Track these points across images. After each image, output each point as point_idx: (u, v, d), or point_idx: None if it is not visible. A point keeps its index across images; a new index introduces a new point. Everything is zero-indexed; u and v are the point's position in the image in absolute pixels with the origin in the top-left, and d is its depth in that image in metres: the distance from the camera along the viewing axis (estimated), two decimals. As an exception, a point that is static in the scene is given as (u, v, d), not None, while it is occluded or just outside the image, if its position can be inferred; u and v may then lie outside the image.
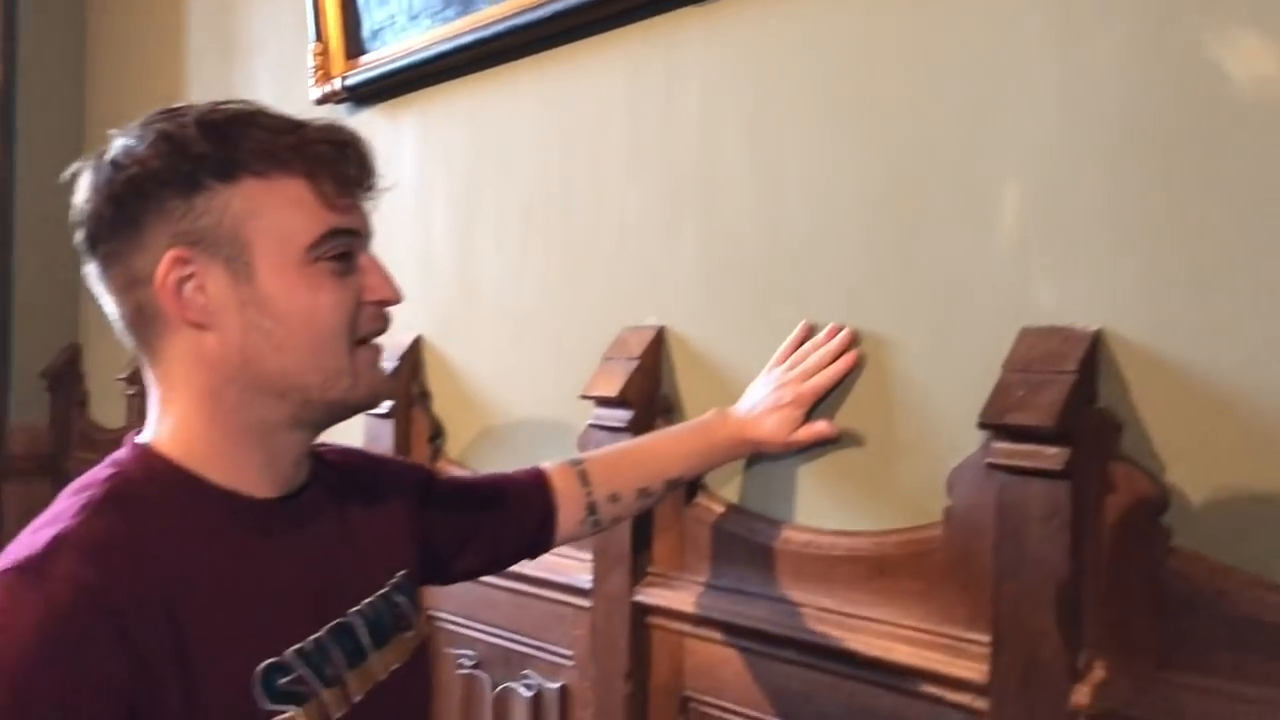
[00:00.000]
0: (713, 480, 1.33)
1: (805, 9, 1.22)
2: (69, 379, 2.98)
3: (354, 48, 1.87)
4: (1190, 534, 0.92)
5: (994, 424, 0.97)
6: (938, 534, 1.08)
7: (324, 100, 1.91)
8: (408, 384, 1.76)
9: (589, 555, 1.43)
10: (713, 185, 1.32)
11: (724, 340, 1.32)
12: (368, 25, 1.85)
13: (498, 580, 1.55)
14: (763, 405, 1.20)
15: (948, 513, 1.07)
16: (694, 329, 1.36)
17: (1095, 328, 0.97)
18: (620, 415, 1.36)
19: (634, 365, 1.36)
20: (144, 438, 0.85)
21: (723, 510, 1.31)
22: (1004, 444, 0.97)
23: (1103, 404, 0.97)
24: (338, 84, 1.88)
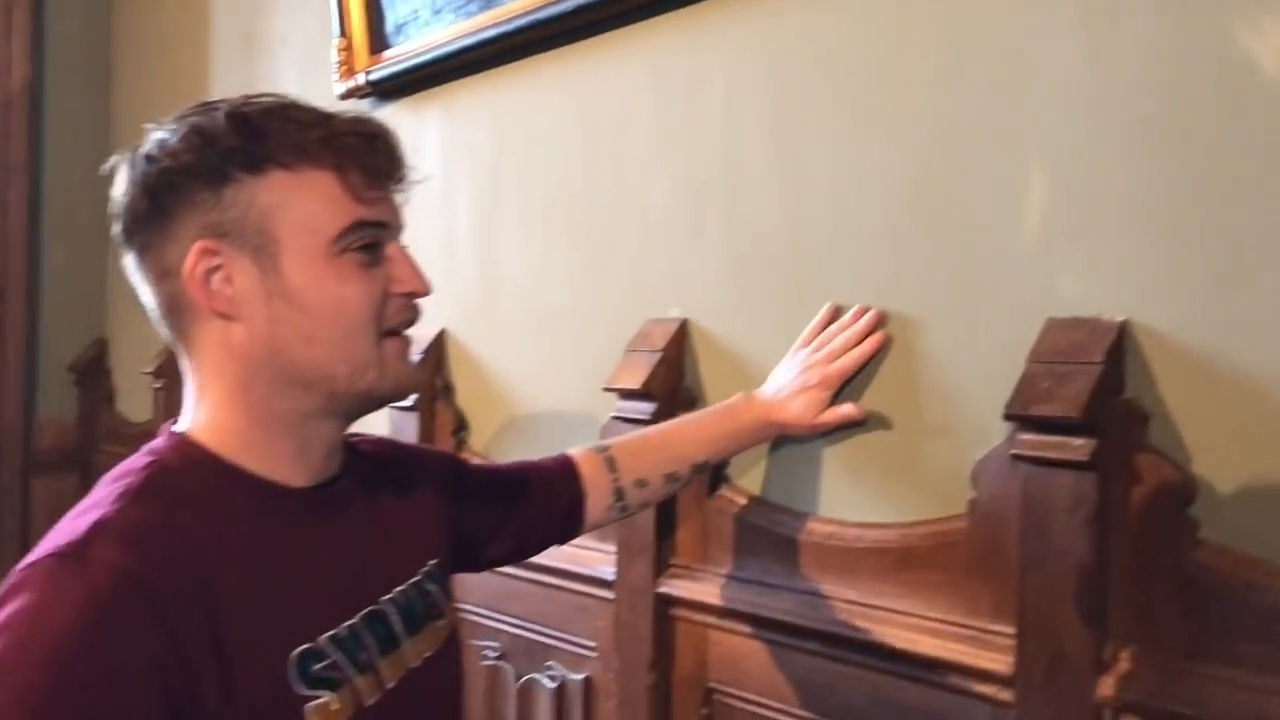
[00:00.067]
0: (735, 472, 1.34)
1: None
2: (96, 374, 3.00)
3: (378, 43, 1.88)
4: (1217, 525, 0.92)
5: (1020, 415, 0.97)
6: (962, 526, 1.08)
7: (348, 95, 1.92)
8: (432, 377, 1.77)
9: (612, 547, 1.43)
10: (736, 177, 1.32)
11: (747, 333, 1.32)
12: (391, 20, 1.85)
13: (521, 572, 1.56)
14: (789, 388, 1.19)
15: (972, 504, 1.07)
16: (717, 322, 1.36)
17: (1122, 319, 0.97)
18: (643, 408, 1.36)
19: (657, 357, 1.36)
20: (180, 427, 0.86)
21: (745, 502, 1.32)
22: (1029, 435, 0.97)
23: (1129, 395, 0.96)
24: (361, 79, 1.89)
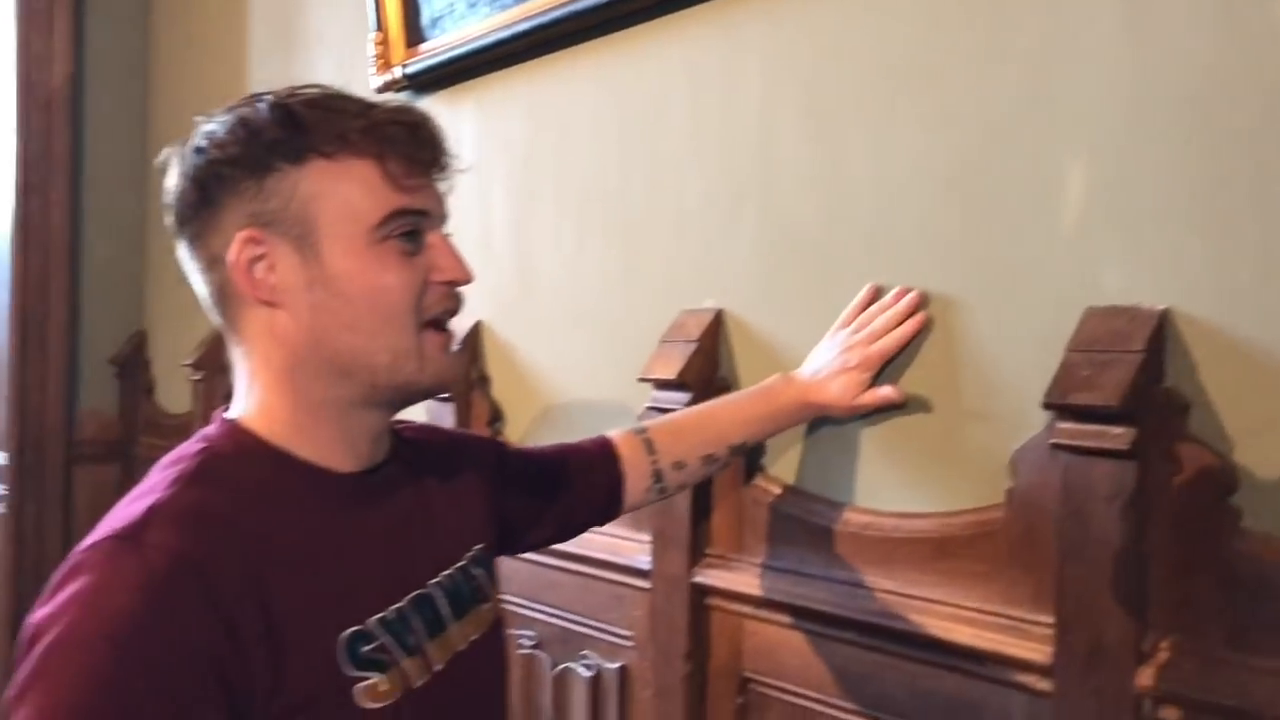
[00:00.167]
0: (770, 461, 1.34)
1: (865, -12, 1.22)
2: (136, 366, 3.04)
3: (414, 36, 1.89)
4: (1260, 515, 0.91)
5: (1059, 404, 0.97)
6: (1000, 515, 1.08)
7: (384, 89, 1.93)
8: (468, 369, 1.79)
9: (648, 537, 1.44)
10: (772, 167, 1.32)
11: (783, 323, 1.32)
12: (427, 13, 1.87)
13: (557, 561, 1.57)
14: (828, 368, 1.19)
15: (1011, 494, 1.07)
16: (753, 312, 1.36)
17: (1162, 307, 0.96)
18: (678, 398, 1.36)
19: (692, 348, 1.37)
20: (232, 414, 0.87)
21: (780, 492, 1.32)
22: (1069, 424, 0.96)
23: (1169, 384, 0.96)
24: (398, 72, 1.90)
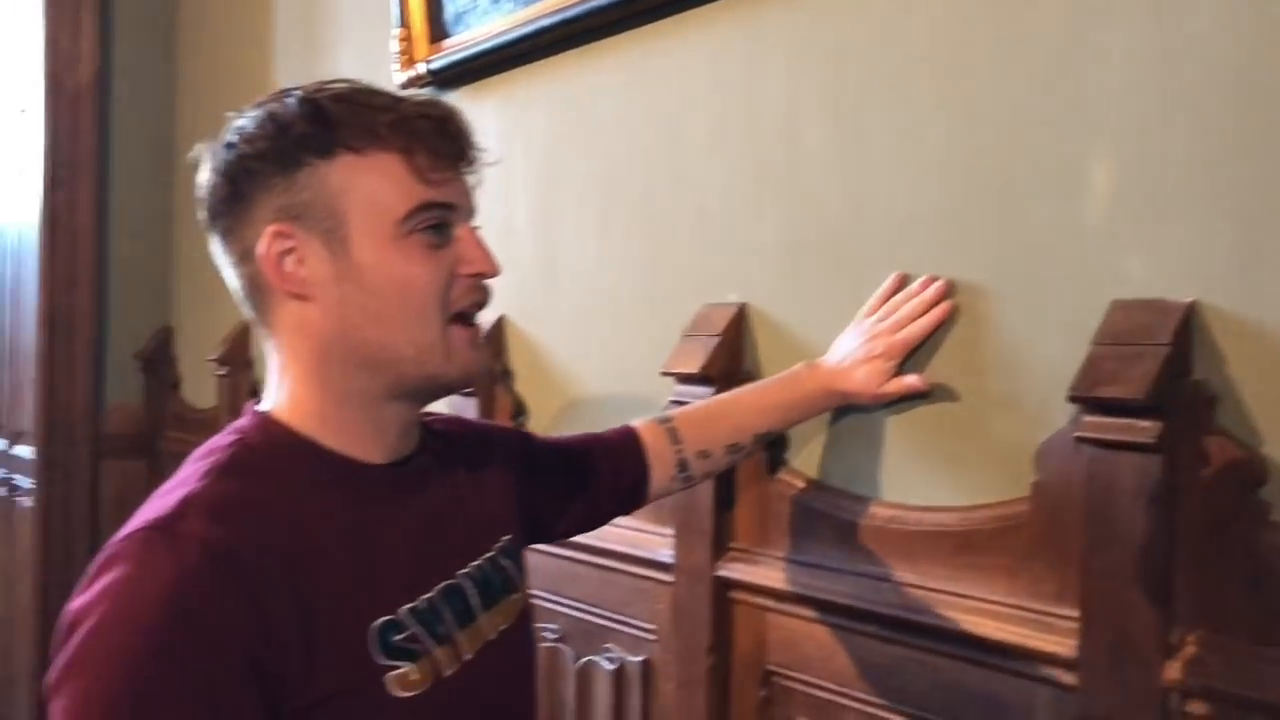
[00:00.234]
0: (793, 454, 1.34)
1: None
2: (162, 361, 3.07)
3: (437, 32, 1.90)
4: (1290, 508, 0.90)
5: (1084, 397, 0.96)
6: (1025, 509, 1.07)
7: (408, 85, 1.94)
8: (491, 363, 1.80)
9: (671, 530, 1.44)
10: (796, 161, 1.32)
11: (807, 316, 1.32)
12: (451, 9, 1.87)
13: (580, 555, 1.58)
14: (853, 356, 1.19)
15: (1036, 487, 1.06)
16: (776, 306, 1.36)
17: (1189, 299, 0.96)
18: (702, 391, 1.36)
19: (716, 341, 1.37)
20: (263, 406, 0.89)
21: (804, 485, 1.32)
22: (1095, 417, 0.96)
23: (1197, 377, 0.95)
24: (422, 68, 1.91)
